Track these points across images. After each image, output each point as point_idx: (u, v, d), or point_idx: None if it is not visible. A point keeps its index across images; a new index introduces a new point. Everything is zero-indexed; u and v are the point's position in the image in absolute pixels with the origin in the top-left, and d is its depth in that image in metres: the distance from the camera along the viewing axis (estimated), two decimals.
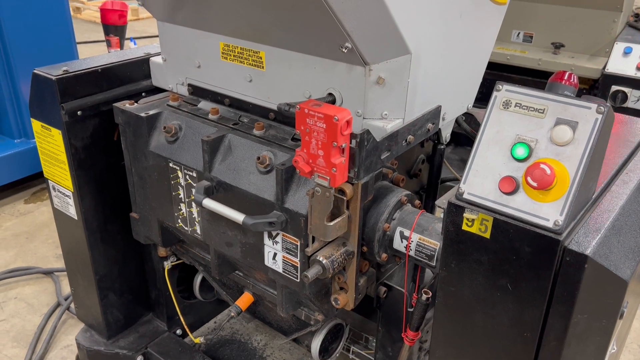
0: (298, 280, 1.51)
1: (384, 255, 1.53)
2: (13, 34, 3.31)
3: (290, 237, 1.47)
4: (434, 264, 1.45)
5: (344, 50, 1.29)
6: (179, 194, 1.70)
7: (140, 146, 1.73)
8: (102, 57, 1.89)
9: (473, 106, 1.79)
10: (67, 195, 1.88)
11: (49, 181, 1.93)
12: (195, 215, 1.69)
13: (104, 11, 4.75)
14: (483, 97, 3.37)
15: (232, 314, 1.85)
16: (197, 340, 2.27)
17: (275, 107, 1.56)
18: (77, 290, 2.13)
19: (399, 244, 1.51)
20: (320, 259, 1.40)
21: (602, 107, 1.09)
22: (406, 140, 1.46)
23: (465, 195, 1.21)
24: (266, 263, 1.56)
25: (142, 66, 1.90)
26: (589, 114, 1.10)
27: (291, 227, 1.44)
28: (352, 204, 1.41)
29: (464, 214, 1.20)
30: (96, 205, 1.90)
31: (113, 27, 4.71)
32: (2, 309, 2.66)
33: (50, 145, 1.82)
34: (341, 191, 1.38)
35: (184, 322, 2.15)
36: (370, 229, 1.50)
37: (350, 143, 1.28)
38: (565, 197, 1.10)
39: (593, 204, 1.24)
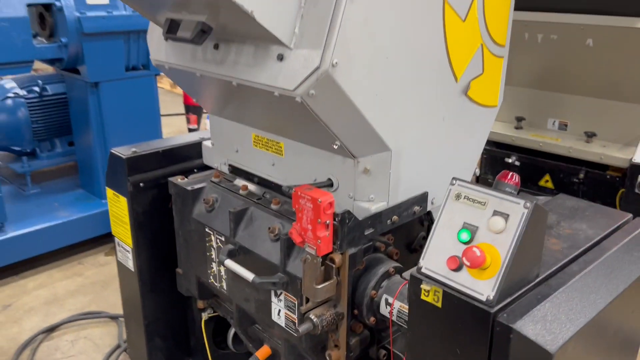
0: (296, 335, 1.78)
1: (372, 319, 1.77)
2: (111, 114, 3.95)
3: (290, 296, 1.76)
4: None
5: (334, 146, 1.62)
6: (211, 255, 2.05)
7: (186, 213, 2.12)
8: (166, 140, 2.34)
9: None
10: (127, 251, 2.29)
11: (115, 238, 2.36)
12: (223, 273, 2.03)
13: (185, 94, 5.47)
14: (521, 180, 3.53)
15: None
16: None
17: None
18: (130, 333, 2.51)
19: (384, 310, 1.75)
20: (312, 317, 1.67)
21: (528, 204, 1.33)
22: (391, 220, 1.73)
23: (423, 270, 1.46)
24: (273, 318, 1.85)
25: (196, 148, 2.33)
26: (518, 209, 1.34)
27: (291, 287, 1.74)
28: (342, 271, 1.69)
29: (422, 285, 1.45)
30: (150, 261, 2.29)
31: (192, 106, 5.43)
32: (73, 346, 3.10)
33: (118, 209, 2.26)
34: (332, 259, 1.67)
35: None
36: (360, 295, 1.76)
37: (334, 220, 1.58)
38: (496, 276, 1.33)
39: (538, 284, 1.44)
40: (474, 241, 1.39)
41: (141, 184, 2.18)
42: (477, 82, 1.83)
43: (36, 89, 4.27)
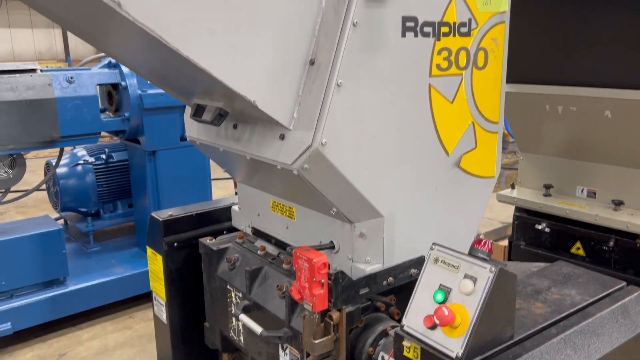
0: None
1: None
2: (166, 179, 4.34)
3: (294, 350, 1.93)
4: None
5: (332, 212, 1.82)
6: (232, 310, 2.26)
7: (212, 271, 2.36)
8: (202, 205, 2.63)
9: None
10: (161, 304, 2.54)
11: (153, 293, 2.62)
12: (241, 327, 2.22)
13: None
14: (552, 247, 3.57)
15: None
16: None
17: None
18: None
19: None
20: None
21: (493, 268, 1.47)
22: (386, 281, 1.89)
23: (405, 328, 1.60)
24: None
25: (226, 212, 2.59)
26: (484, 273, 1.48)
27: (294, 341, 1.91)
28: (340, 328, 1.85)
29: (403, 342, 1.59)
30: (181, 314, 2.53)
31: None
32: None
33: (155, 266, 2.53)
34: (330, 316, 1.84)
35: None
36: (358, 351, 1.90)
37: (329, 279, 1.76)
38: (465, 335, 1.46)
39: (512, 345, 1.55)
40: (448, 301, 1.53)
41: (175, 244, 2.45)
42: (470, 155, 2.00)
43: (103, 156, 4.77)
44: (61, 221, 5.30)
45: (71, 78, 3.83)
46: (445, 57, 1.84)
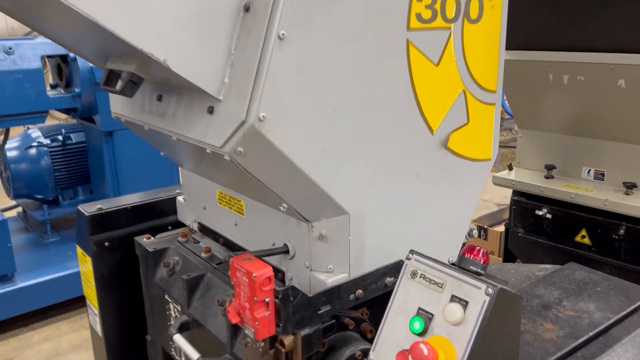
0: None
1: None
2: (125, 162, 3.91)
3: None
4: None
5: (281, 209, 1.41)
6: (172, 324, 1.85)
7: (149, 277, 1.94)
8: (142, 195, 2.20)
9: None
10: (95, 314, 2.13)
11: (86, 299, 2.21)
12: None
13: None
14: (554, 234, 3.18)
15: None
16: None
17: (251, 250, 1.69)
18: None
19: None
20: None
21: (490, 289, 1.06)
22: (354, 295, 1.48)
23: None
24: None
25: (171, 203, 2.17)
26: (478, 295, 1.07)
27: None
28: (295, 356, 1.45)
29: None
30: (117, 325, 2.12)
31: None
32: None
33: (86, 269, 2.11)
34: (281, 342, 1.43)
35: None
36: None
37: (276, 298, 1.35)
38: None
39: None
40: (428, 333, 1.12)
41: (106, 243, 2.03)
42: (460, 133, 1.58)
43: (59, 137, 4.32)
44: (18, 209, 4.87)
45: (9, 49, 3.36)
46: (428, 4, 1.41)
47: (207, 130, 1.30)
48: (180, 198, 2.10)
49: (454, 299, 1.10)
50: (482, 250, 1.17)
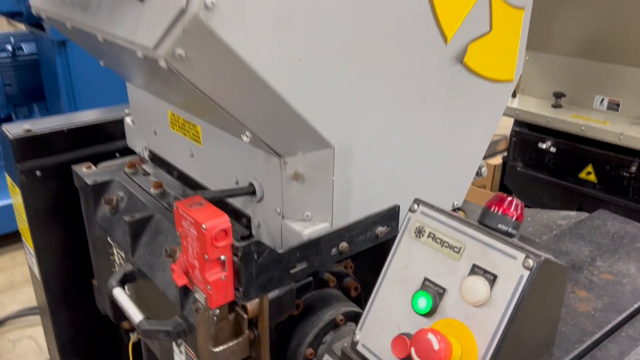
0: None
1: None
2: (81, 76, 3.46)
3: (191, 351, 1.23)
4: None
5: (245, 139, 1.06)
6: (115, 272, 1.54)
7: (90, 214, 1.61)
8: (81, 114, 1.82)
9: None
10: (31, 254, 1.81)
11: (22, 237, 1.88)
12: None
13: None
14: (556, 170, 2.89)
15: None
16: None
17: (210, 187, 1.36)
18: (51, 352, 2.05)
19: None
20: None
21: (530, 260, 0.74)
22: (337, 249, 1.17)
23: (359, 347, 0.90)
24: None
25: (119, 126, 1.80)
26: (513, 267, 0.76)
27: (190, 340, 1.21)
28: (260, 322, 1.15)
29: None
30: (58, 268, 1.81)
31: None
32: (14, 347, 2.69)
33: (17, 202, 1.77)
34: (243, 307, 1.13)
35: None
36: (292, 353, 1.22)
37: (234, 255, 1.03)
38: None
39: None
40: (437, 314, 0.82)
41: (38, 173, 1.67)
42: (480, 44, 1.22)
43: (8, 47, 3.82)
44: None
45: None
46: None
47: (136, 25, 0.92)
48: (128, 119, 1.73)
49: (476, 270, 0.79)
50: (514, 202, 0.85)
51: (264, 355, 1.17)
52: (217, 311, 1.06)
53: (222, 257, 1.00)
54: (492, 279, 0.77)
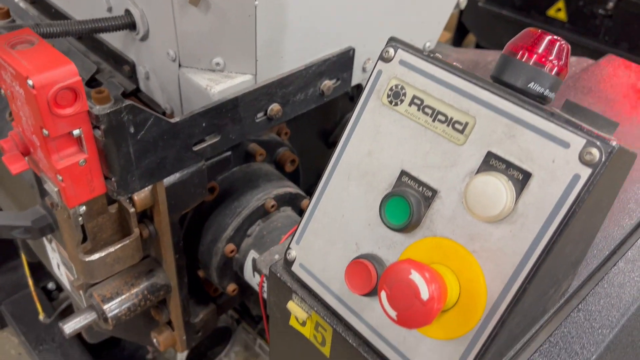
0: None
1: (231, 287, 0.95)
2: None
3: (64, 251, 0.90)
4: None
5: None
6: None
7: None
8: None
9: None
10: None
11: None
12: None
13: None
14: (522, 6, 2.54)
15: None
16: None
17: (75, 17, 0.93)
18: None
19: (250, 277, 0.92)
20: (95, 300, 0.83)
21: (595, 150, 0.42)
22: (265, 113, 0.80)
23: (295, 268, 0.60)
24: (54, 269, 1.02)
25: None
26: (560, 159, 0.43)
27: (59, 236, 0.87)
28: (156, 216, 0.81)
29: (291, 301, 0.60)
30: None
31: None
32: None
33: None
34: (130, 200, 0.78)
35: None
36: (205, 250, 0.91)
37: (97, 128, 0.65)
38: (473, 334, 0.47)
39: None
40: (421, 230, 0.50)
41: None
42: None
43: None
44: None
45: None
46: None
47: None
48: None
49: (492, 162, 0.46)
50: (558, 43, 0.50)
51: (166, 257, 0.85)
52: (82, 208, 0.71)
53: (76, 132, 0.62)
54: (520, 178, 0.45)
